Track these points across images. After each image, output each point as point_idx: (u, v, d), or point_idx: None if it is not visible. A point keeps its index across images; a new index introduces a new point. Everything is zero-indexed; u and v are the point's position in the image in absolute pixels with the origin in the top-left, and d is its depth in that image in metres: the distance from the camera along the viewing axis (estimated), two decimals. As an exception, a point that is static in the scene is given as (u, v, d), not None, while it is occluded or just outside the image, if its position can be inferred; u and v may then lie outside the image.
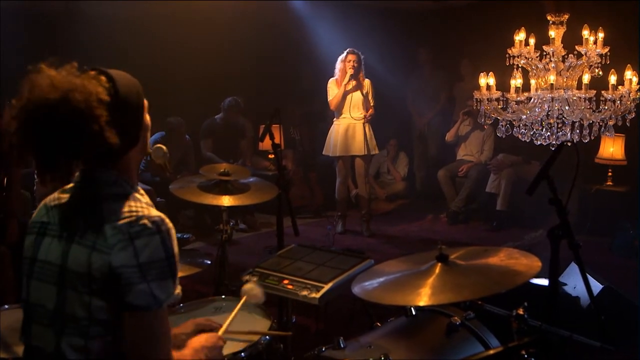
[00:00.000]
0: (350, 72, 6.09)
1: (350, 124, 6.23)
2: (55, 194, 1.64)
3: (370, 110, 6.27)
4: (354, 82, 6.15)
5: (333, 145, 6.35)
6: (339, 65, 6.24)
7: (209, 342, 1.82)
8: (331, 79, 6.33)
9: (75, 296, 1.48)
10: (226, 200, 3.13)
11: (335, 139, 6.32)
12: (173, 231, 1.53)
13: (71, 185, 1.61)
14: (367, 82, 6.25)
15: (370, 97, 6.25)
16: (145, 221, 1.48)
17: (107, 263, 1.44)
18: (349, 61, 6.12)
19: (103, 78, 1.52)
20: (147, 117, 1.67)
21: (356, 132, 6.22)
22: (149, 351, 1.49)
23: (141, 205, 1.54)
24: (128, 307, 1.46)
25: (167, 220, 1.53)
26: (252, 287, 2.25)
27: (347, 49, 6.21)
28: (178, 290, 1.57)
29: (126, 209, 1.50)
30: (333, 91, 6.29)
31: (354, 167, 6.45)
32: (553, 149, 3.97)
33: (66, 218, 1.55)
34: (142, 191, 1.62)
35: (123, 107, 1.54)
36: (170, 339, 1.57)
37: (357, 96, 6.21)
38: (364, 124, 6.21)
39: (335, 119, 6.37)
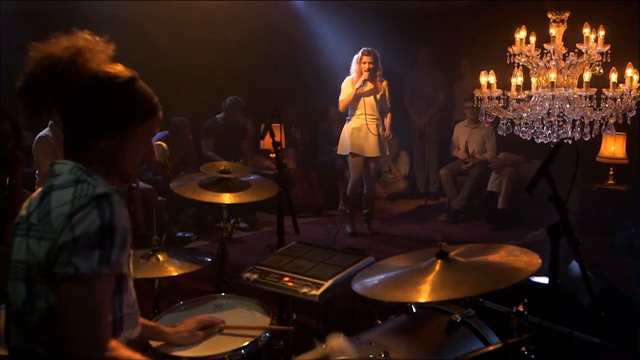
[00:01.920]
0: (365, 75, 5.88)
1: (364, 123, 6.02)
2: (32, 194, 1.65)
3: (388, 117, 6.21)
4: (370, 85, 5.95)
5: (346, 144, 6.15)
6: (354, 64, 6.03)
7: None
8: (347, 78, 6.10)
9: (37, 289, 1.50)
10: (227, 198, 3.12)
11: (348, 139, 6.12)
12: (120, 205, 1.50)
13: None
14: (384, 84, 6.07)
15: (387, 98, 6.11)
16: (87, 199, 1.48)
17: (55, 248, 1.45)
18: (364, 62, 5.91)
19: (125, 72, 1.63)
20: (141, 141, 1.66)
21: (370, 132, 6.03)
22: (65, 325, 1.44)
23: (88, 186, 1.51)
24: (54, 278, 1.45)
25: (114, 196, 1.51)
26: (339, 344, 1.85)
27: (362, 49, 5.99)
28: (113, 269, 1.48)
29: (71, 192, 1.50)
30: (347, 90, 6.07)
31: (366, 166, 6.25)
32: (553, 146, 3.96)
33: (27, 215, 1.56)
34: (99, 178, 1.58)
35: (118, 95, 1.59)
36: (102, 321, 1.47)
37: (371, 98, 6.02)
38: (377, 125, 6.06)
39: (348, 117, 6.18)
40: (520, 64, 4.20)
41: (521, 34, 4.12)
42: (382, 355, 1.95)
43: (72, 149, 1.62)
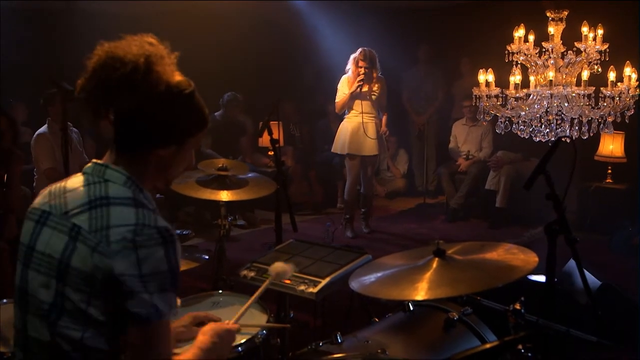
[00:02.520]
0: (360, 77, 5.76)
1: (361, 122, 5.92)
2: (62, 184, 1.61)
3: (385, 117, 6.15)
4: (366, 87, 5.86)
5: (342, 142, 6.06)
6: (351, 64, 5.91)
7: (219, 327, 1.82)
8: (343, 77, 5.99)
9: (73, 292, 1.47)
10: (224, 195, 3.13)
11: (345, 137, 6.02)
12: (178, 244, 1.52)
13: (80, 176, 1.59)
14: (380, 83, 5.96)
15: (383, 98, 6.04)
16: (151, 231, 1.47)
17: (109, 267, 1.43)
18: (361, 64, 5.81)
19: (187, 83, 1.63)
20: (189, 153, 1.68)
21: (367, 130, 5.92)
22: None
23: (149, 212, 1.52)
24: (129, 314, 1.45)
25: (173, 232, 1.52)
26: (278, 266, 2.23)
27: (360, 49, 5.88)
28: (178, 302, 1.57)
29: (133, 215, 1.48)
30: (343, 90, 5.97)
31: (364, 165, 6.17)
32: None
33: (72, 214, 1.52)
34: (149, 196, 1.60)
35: (179, 108, 1.58)
36: (171, 352, 1.56)
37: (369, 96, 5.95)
38: (375, 123, 5.99)
39: (346, 115, 6.08)
40: (519, 62, 4.19)
41: (520, 32, 4.12)
42: (379, 353, 1.95)
43: (124, 153, 1.58)
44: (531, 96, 4.20)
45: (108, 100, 1.53)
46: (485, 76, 4.25)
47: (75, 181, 1.59)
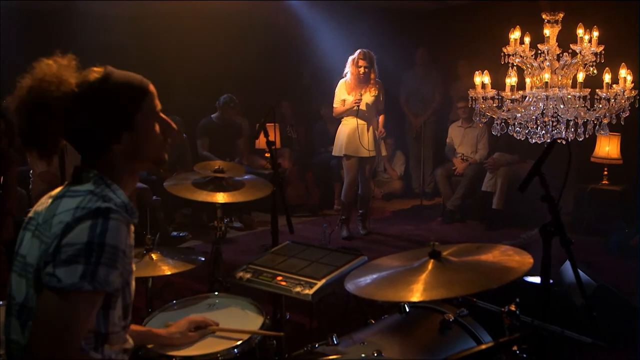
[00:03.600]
0: (357, 102, 5.85)
1: (358, 124, 5.96)
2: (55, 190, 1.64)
3: (381, 118, 6.20)
4: (363, 106, 5.92)
5: (340, 145, 6.13)
6: (349, 66, 5.95)
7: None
8: (341, 81, 6.06)
9: (33, 288, 1.49)
10: (220, 198, 3.13)
11: (342, 139, 6.10)
12: (115, 223, 1.45)
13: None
14: (378, 85, 6.02)
15: (381, 100, 6.08)
16: (87, 210, 1.45)
17: (47, 252, 1.45)
18: (360, 65, 5.85)
19: (94, 74, 1.57)
20: (151, 124, 1.65)
21: (365, 133, 5.99)
22: (41, 336, 1.40)
23: (98, 199, 1.49)
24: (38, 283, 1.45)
25: (117, 214, 1.47)
26: None
27: (358, 50, 5.92)
28: (101, 289, 1.44)
29: (78, 200, 1.49)
30: (340, 96, 6.04)
31: (361, 167, 6.21)
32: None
33: (40, 214, 1.56)
34: (121, 193, 1.59)
35: (101, 101, 1.55)
36: (70, 339, 1.41)
37: (366, 100, 5.96)
38: (372, 126, 6.04)
39: (343, 117, 6.13)
40: (515, 64, 4.20)
41: (515, 34, 4.13)
42: (375, 354, 1.95)
43: (92, 161, 1.60)
44: (527, 98, 4.21)
45: (45, 133, 1.55)
46: (482, 78, 4.25)
47: (60, 187, 1.63)
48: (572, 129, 4.14)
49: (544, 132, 4.21)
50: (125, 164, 1.62)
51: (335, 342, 2.07)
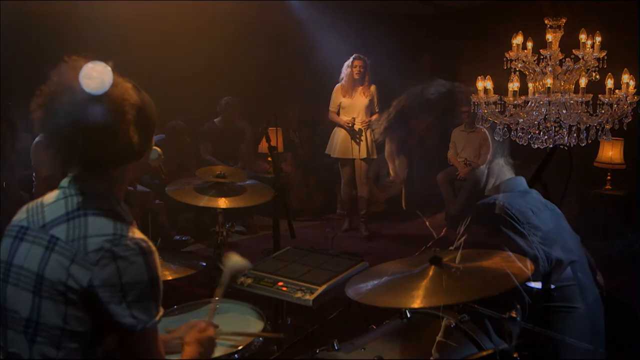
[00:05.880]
0: (350, 123, 6.18)
1: (353, 128, 6.27)
2: (39, 200, 1.62)
3: (375, 115, 6.27)
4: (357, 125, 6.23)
5: (334, 147, 6.43)
6: (345, 70, 6.25)
7: (202, 336, 1.85)
8: (337, 86, 6.35)
9: (50, 305, 1.47)
10: (222, 202, 3.13)
11: (337, 141, 6.39)
12: (156, 254, 1.54)
13: (56, 191, 1.60)
14: (372, 88, 6.28)
15: (375, 103, 6.28)
16: (129, 242, 1.48)
17: (87, 278, 1.44)
18: (355, 66, 6.15)
19: (130, 84, 1.59)
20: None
21: (359, 135, 6.29)
22: None
23: (126, 225, 1.53)
24: (116, 325, 1.48)
25: (151, 244, 1.54)
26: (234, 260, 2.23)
27: (354, 55, 6.22)
28: (161, 312, 1.58)
29: (111, 226, 1.50)
30: (336, 99, 6.34)
31: (355, 168, 6.49)
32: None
33: (50, 226, 1.53)
34: (125, 208, 1.61)
35: (144, 118, 1.59)
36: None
37: (361, 102, 6.23)
38: (365, 129, 6.26)
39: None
40: (517, 69, 4.20)
41: (518, 40, 4.12)
42: (376, 360, 1.95)
43: (97, 173, 1.60)
44: (529, 103, 4.20)
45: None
46: (484, 83, 4.25)
47: (52, 195, 1.60)
48: (575, 135, 4.13)
49: (546, 137, 4.20)
50: (121, 182, 1.64)
51: (337, 347, 2.07)
